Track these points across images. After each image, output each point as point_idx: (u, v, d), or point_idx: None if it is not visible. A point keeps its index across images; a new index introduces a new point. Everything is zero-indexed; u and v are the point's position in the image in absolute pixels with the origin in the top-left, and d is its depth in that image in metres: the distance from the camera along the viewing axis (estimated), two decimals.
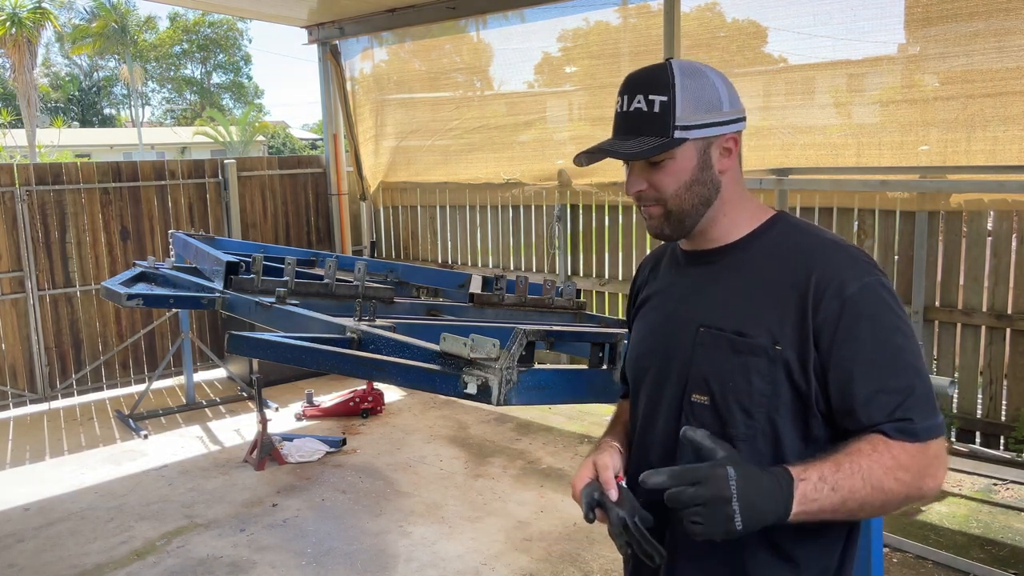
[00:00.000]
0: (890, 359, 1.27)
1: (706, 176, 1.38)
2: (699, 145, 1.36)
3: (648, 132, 1.35)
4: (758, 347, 1.32)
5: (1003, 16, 4.37)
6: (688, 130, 1.34)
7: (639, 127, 1.36)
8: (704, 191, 1.39)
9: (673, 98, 1.34)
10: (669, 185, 1.37)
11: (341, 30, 7.81)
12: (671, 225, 1.41)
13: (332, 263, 4.04)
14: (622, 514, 1.36)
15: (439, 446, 5.56)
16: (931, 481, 1.26)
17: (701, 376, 1.37)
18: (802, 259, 1.34)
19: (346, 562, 3.98)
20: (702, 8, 5.67)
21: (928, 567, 3.72)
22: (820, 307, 1.29)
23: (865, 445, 1.25)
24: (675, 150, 1.35)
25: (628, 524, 1.35)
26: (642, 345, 1.54)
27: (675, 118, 1.34)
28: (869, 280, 1.30)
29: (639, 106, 1.36)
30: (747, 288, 1.37)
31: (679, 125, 1.34)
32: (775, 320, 1.32)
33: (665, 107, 1.34)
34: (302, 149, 37.83)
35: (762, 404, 1.32)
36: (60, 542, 4.31)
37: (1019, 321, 4.67)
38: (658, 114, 1.34)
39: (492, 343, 2.07)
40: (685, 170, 1.37)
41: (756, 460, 1.34)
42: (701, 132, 1.35)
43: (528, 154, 7.01)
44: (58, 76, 45.65)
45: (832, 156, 5.16)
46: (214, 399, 6.83)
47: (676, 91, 1.34)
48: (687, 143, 1.35)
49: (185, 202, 7.49)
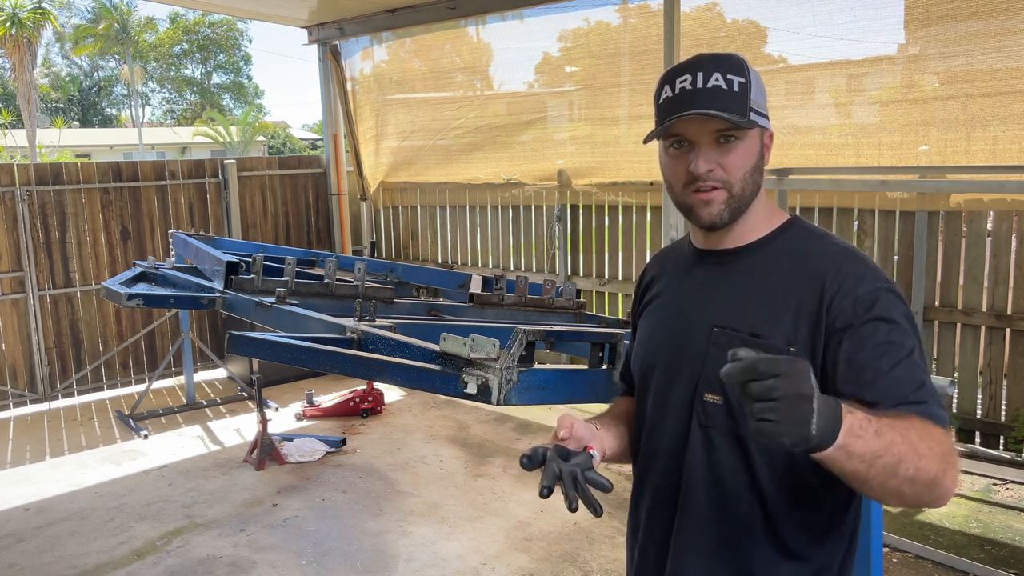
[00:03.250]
0: (904, 356, 1.26)
1: (761, 165, 1.40)
2: (759, 134, 1.39)
3: (731, 109, 1.33)
4: (773, 348, 1.31)
5: (1003, 16, 4.37)
6: (758, 115, 1.36)
7: (720, 103, 1.33)
8: (760, 180, 1.40)
9: (750, 81, 1.35)
10: (740, 167, 1.36)
11: (341, 30, 7.81)
12: (730, 210, 1.38)
13: (332, 263, 4.04)
14: (560, 464, 1.24)
15: (439, 446, 5.57)
16: (952, 472, 1.19)
17: (715, 376, 1.36)
18: (816, 264, 1.34)
19: (346, 562, 3.98)
20: (702, 8, 5.67)
21: (928, 567, 3.72)
22: (832, 308, 1.29)
23: (894, 413, 1.18)
24: (748, 131, 1.36)
25: (563, 473, 1.24)
26: (649, 343, 1.53)
27: (751, 100, 1.35)
28: (881, 286, 1.30)
29: (718, 83, 1.34)
30: (761, 290, 1.37)
31: (753, 108, 1.35)
32: (789, 322, 1.32)
33: (744, 88, 1.35)
34: (302, 149, 37.83)
35: None
36: (60, 542, 4.31)
37: (1019, 321, 4.67)
38: (738, 93, 1.34)
39: (492, 343, 2.08)
40: (752, 154, 1.38)
41: (766, 460, 1.34)
42: (764, 121, 1.38)
43: (528, 154, 7.01)
44: (58, 76, 45.64)
45: (832, 156, 5.16)
46: (214, 399, 6.83)
47: (751, 76, 1.36)
48: (755, 128, 1.37)
49: (185, 202, 7.49)
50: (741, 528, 1.37)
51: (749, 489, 1.36)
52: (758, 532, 1.36)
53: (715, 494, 1.39)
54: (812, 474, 1.34)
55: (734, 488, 1.37)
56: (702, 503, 1.40)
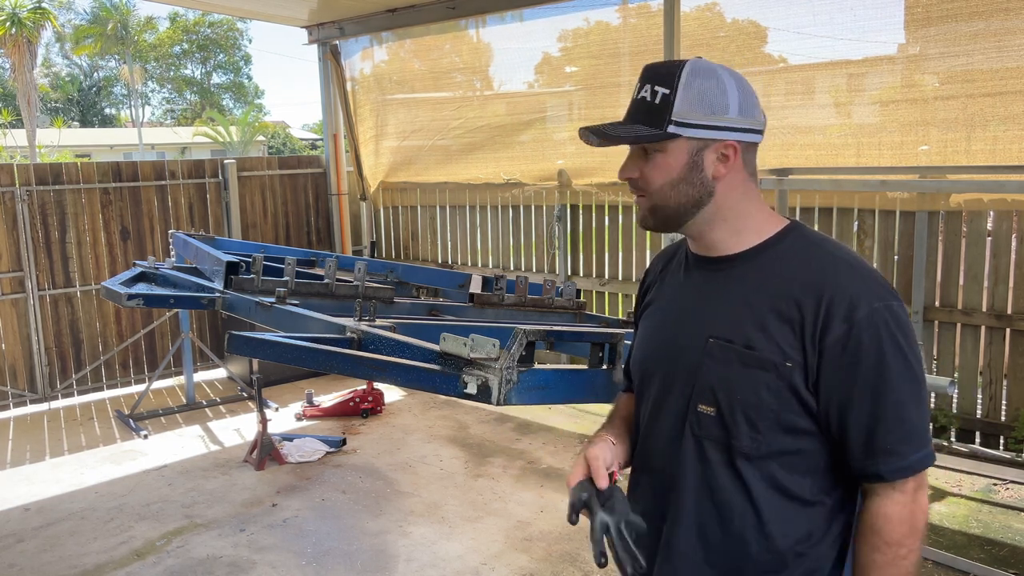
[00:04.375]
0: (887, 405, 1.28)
1: (695, 178, 1.36)
2: (692, 145, 1.35)
3: (645, 121, 1.36)
4: (768, 362, 1.31)
5: (1003, 16, 4.37)
6: (682, 127, 1.34)
7: (639, 115, 1.38)
8: (692, 192, 1.37)
9: (674, 92, 1.34)
10: (655, 179, 1.38)
11: (341, 30, 7.81)
12: (655, 218, 1.43)
13: (332, 263, 4.04)
14: (606, 518, 1.32)
15: (439, 446, 5.56)
16: (911, 540, 1.30)
17: (709, 387, 1.37)
18: (815, 276, 1.32)
19: (346, 562, 3.98)
20: (702, 8, 5.67)
21: (928, 567, 3.72)
22: (829, 328, 1.28)
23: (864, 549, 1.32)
24: (666, 144, 1.35)
25: (611, 528, 1.31)
26: (647, 347, 1.54)
27: (672, 112, 1.34)
28: (878, 306, 1.28)
29: (645, 95, 1.37)
30: (757, 301, 1.35)
31: (675, 120, 1.34)
32: (785, 336, 1.31)
33: (665, 100, 1.34)
34: (302, 149, 37.83)
35: (768, 418, 1.32)
36: (60, 542, 4.31)
37: (1019, 321, 4.67)
38: (657, 105, 1.35)
39: (492, 343, 2.07)
40: (673, 167, 1.36)
41: (758, 472, 1.34)
42: (695, 132, 1.34)
43: (528, 154, 7.01)
44: (58, 76, 45.65)
45: (832, 156, 5.16)
46: (214, 399, 6.83)
47: (679, 86, 1.34)
48: (679, 140, 1.35)
49: (185, 202, 7.49)
50: (733, 538, 1.37)
51: (742, 500, 1.36)
52: (751, 542, 1.36)
53: (707, 504, 1.39)
54: (804, 485, 1.34)
55: (726, 498, 1.37)
56: (694, 513, 1.40)
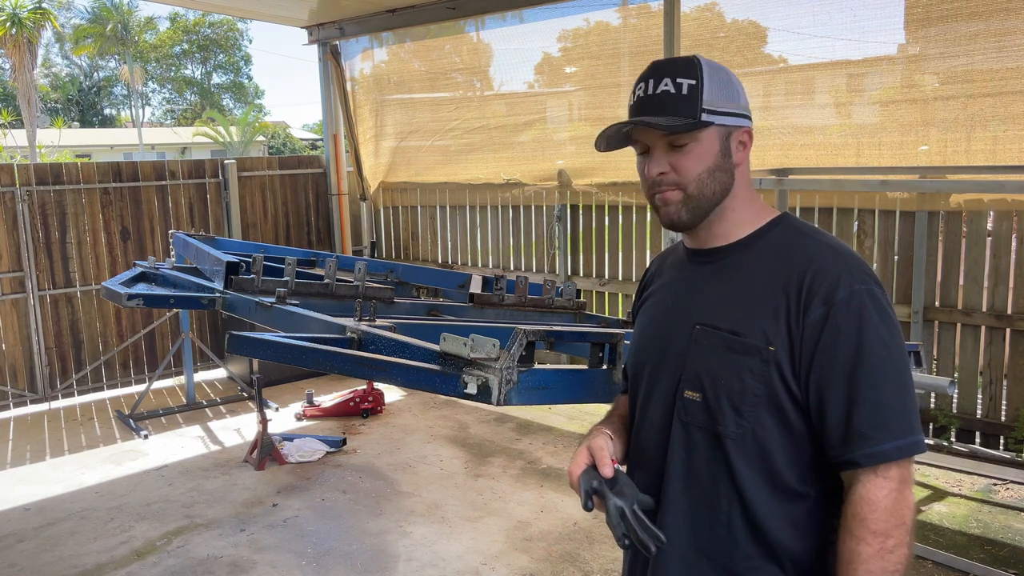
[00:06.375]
0: (865, 391, 1.27)
1: (726, 164, 1.40)
2: (721, 132, 1.38)
3: (676, 112, 1.36)
4: (752, 347, 1.33)
5: (1003, 16, 4.37)
6: (714, 115, 1.37)
7: (667, 107, 1.37)
8: (725, 179, 1.40)
9: (701, 82, 1.36)
10: (693, 168, 1.38)
11: (341, 30, 7.81)
12: (688, 211, 1.40)
13: (332, 263, 4.04)
14: (619, 503, 1.34)
15: (439, 446, 5.57)
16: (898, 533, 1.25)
17: (695, 373, 1.38)
18: (797, 261, 1.34)
19: (346, 562, 3.98)
20: (702, 8, 5.67)
21: (928, 567, 3.72)
22: (809, 309, 1.29)
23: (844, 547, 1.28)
24: (701, 132, 1.37)
25: (626, 512, 1.33)
26: (641, 340, 1.56)
27: (703, 100, 1.36)
28: (859, 288, 1.29)
29: (666, 88, 1.37)
30: (744, 288, 1.38)
31: (706, 108, 1.36)
32: (769, 321, 1.32)
33: (694, 89, 1.36)
34: (302, 149, 37.83)
35: (753, 403, 1.33)
36: (60, 542, 4.31)
37: (1019, 321, 4.67)
38: (686, 96, 1.36)
39: (492, 343, 2.07)
40: (709, 155, 1.38)
41: (744, 458, 1.34)
42: (725, 119, 1.38)
43: (528, 154, 7.01)
44: (58, 76, 45.65)
45: (832, 156, 5.16)
46: (214, 399, 6.83)
47: (704, 76, 1.37)
48: (712, 128, 1.37)
49: (185, 202, 7.49)
50: (721, 525, 1.37)
51: (728, 486, 1.36)
52: (738, 529, 1.36)
53: (695, 491, 1.39)
54: (790, 473, 1.34)
55: (713, 485, 1.37)
56: (682, 500, 1.40)
